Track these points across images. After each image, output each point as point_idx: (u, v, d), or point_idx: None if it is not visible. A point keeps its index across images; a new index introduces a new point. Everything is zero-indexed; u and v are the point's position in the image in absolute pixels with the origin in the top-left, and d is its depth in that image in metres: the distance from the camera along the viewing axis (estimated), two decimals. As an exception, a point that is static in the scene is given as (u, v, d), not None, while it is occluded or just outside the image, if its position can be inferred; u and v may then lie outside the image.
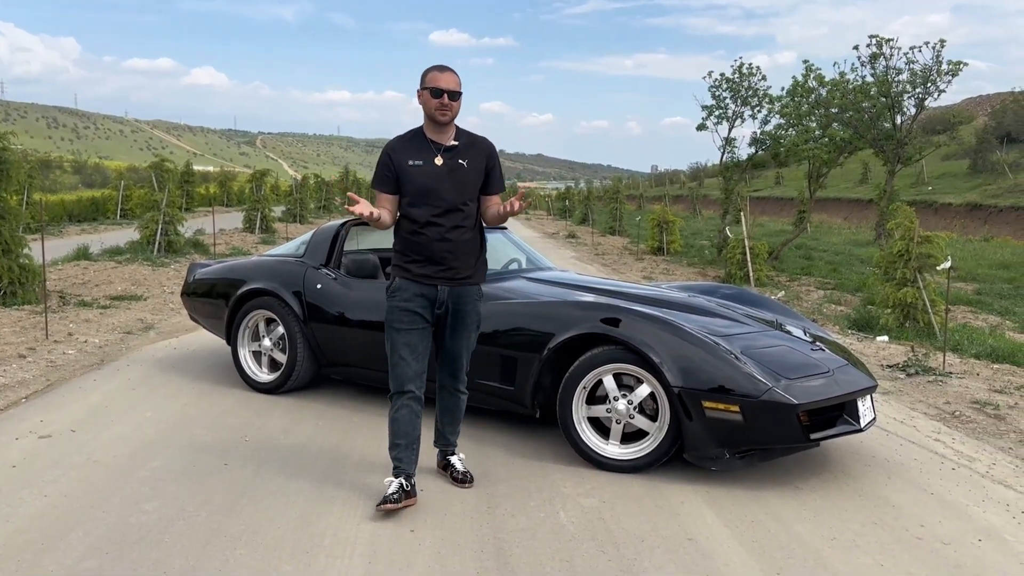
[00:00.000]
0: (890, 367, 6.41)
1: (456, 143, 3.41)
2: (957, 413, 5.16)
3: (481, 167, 3.44)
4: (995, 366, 6.59)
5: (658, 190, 53.78)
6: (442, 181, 3.33)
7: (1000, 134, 37.46)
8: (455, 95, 3.33)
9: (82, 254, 12.32)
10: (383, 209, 3.36)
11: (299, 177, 35.45)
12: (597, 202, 32.93)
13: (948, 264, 6.49)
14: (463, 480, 3.64)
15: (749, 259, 11.96)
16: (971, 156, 36.14)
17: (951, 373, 6.20)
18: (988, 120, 40.44)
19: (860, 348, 7.17)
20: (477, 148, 3.46)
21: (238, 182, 39.66)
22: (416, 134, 3.43)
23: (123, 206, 23.24)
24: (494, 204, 3.50)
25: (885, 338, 7.77)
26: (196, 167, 35.47)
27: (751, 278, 11.78)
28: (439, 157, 3.36)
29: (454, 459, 3.74)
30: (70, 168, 47.20)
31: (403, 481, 3.37)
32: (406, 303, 3.38)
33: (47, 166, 38.36)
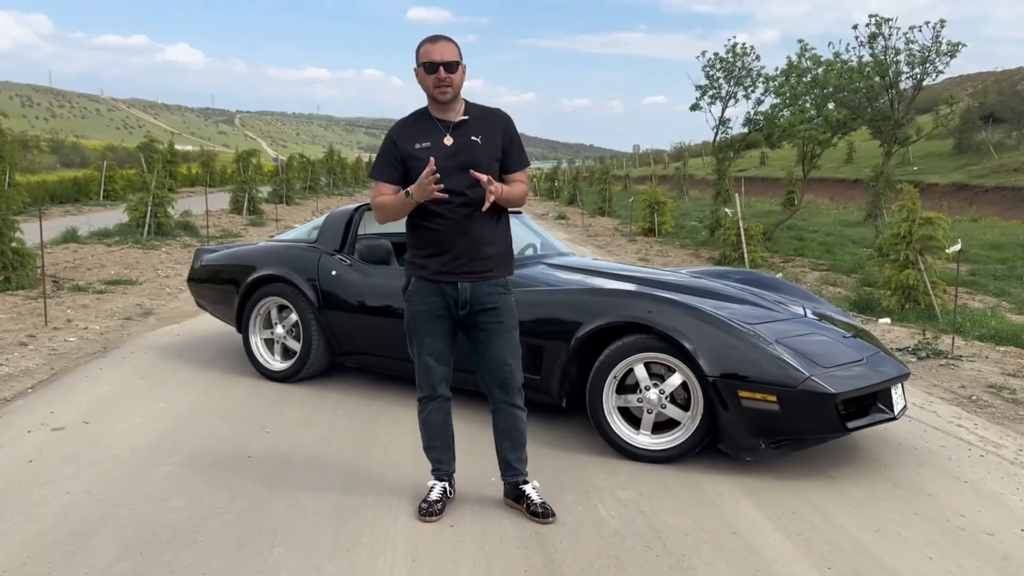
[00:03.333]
0: (899, 350, 6.39)
1: (466, 117, 3.02)
2: (974, 398, 5.15)
3: (498, 142, 3.03)
4: (1001, 348, 6.59)
5: (643, 170, 53.64)
6: (454, 162, 2.94)
7: (983, 114, 37.64)
8: (452, 66, 2.92)
9: (70, 236, 12.07)
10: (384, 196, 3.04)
11: (282, 158, 34.99)
12: (583, 182, 32.81)
13: (959, 247, 6.46)
14: (543, 515, 3.11)
15: (744, 240, 11.93)
16: (955, 136, 36.29)
17: (961, 356, 6.19)
18: (971, 100, 40.61)
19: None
20: (492, 121, 3.06)
21: (220, 162, 39.06)
22: (421, 115, 3.06)
23: (105, 187, 22.84)
24: (517, 183, 3.07)
25: (887, 320, 7.76)
26: (176, 146, 34.93)
27: (746, 259, 11.75)
28: (448, 136, 2.98)
29: (527, 488, 3.21)
30: (47, 148, 46.30)
31: (446, 486, 3.24)
32: (425, 307, 3.05)
33: (24, 146, 37.59)
